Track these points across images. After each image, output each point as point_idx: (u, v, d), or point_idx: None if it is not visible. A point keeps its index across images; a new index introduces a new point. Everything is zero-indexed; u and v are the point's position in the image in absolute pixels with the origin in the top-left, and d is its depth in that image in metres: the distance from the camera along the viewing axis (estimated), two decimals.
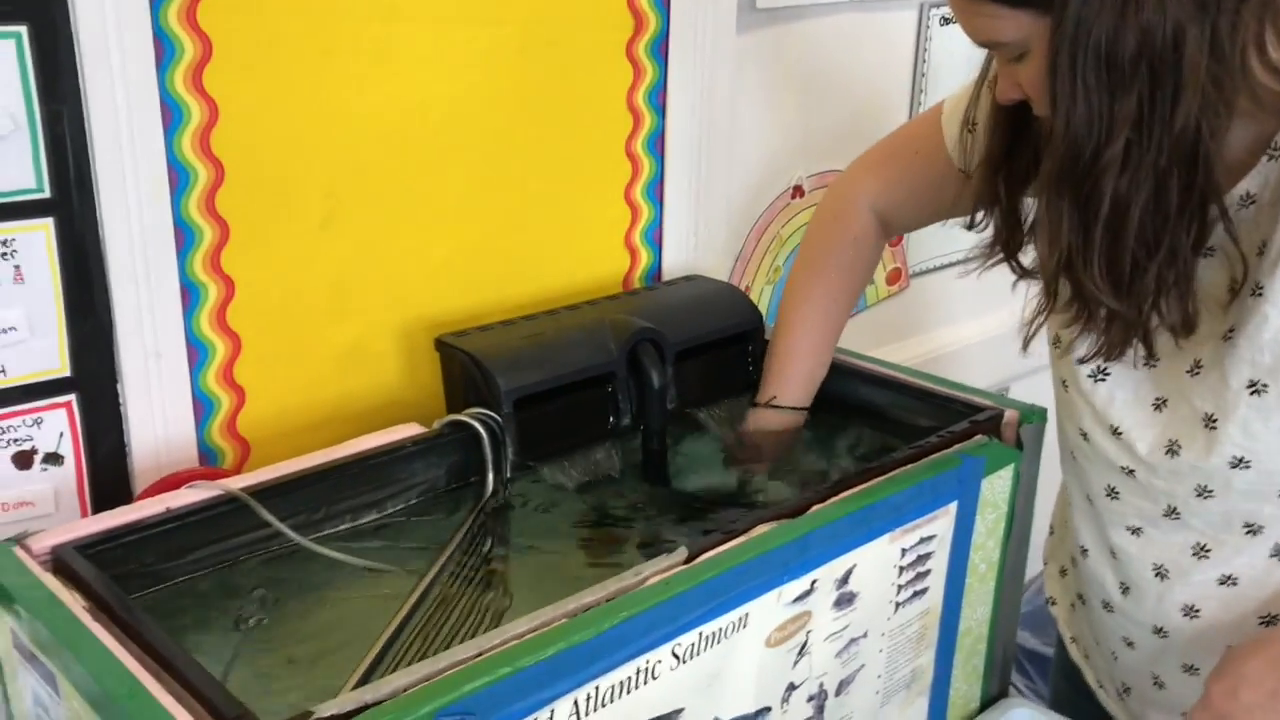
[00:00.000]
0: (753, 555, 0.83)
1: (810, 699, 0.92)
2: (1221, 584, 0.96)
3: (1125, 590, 1.02)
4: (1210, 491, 0.92)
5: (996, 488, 1.03)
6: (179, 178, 0.98)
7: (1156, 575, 0.98)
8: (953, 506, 0.99)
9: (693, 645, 0.80)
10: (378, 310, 1.14)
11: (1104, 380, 0.95)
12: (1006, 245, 0.96)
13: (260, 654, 0.83)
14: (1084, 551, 1.05)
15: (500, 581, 0.93)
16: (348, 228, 1.10)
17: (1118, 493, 0.99)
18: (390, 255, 1.14)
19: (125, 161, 0.95)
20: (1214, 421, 0.89)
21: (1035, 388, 1.91)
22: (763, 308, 1.49)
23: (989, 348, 1.83)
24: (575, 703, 0.73)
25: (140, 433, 1.01)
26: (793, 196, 1.50)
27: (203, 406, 1.05)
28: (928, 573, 0.99)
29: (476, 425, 1.01)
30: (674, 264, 1.38)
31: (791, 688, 0.90)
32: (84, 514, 1.00)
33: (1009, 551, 1.08)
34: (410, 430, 1.01)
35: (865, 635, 0.96)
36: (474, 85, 1.15)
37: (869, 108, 1.56)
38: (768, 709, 0.88)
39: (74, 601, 0.74)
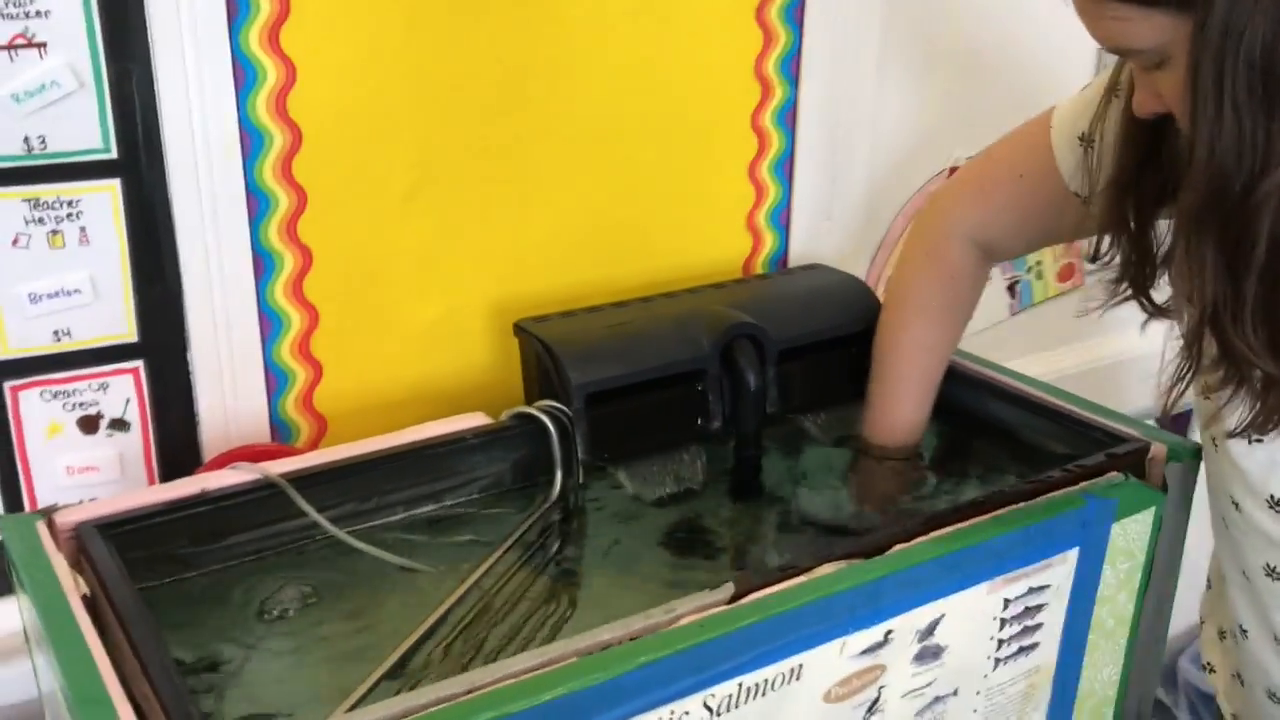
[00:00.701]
0: (811, 599, 0.72)
1: None
2: None
3: None
4: None
5: (1132, 534, 0.88)
6: (252, 141, 0.94)
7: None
8: (1073, 554, 0.85)
9: (730, 696, 0.70)
10: (466, 289, 1.08)
11: (1260, 443, 0.79)
12: (1135, 280, 0.81)
13: (276, 651, 0.78)
14: (1244, 632, 0.89)
15: (546, 597, 0.85)
16: (436, 200, 1.04)
17: (1279, 573, 0.82)
18: (481, 231, 1.07)
19: (195, 123, 0.91)
20: None
21: None
22: None
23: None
24: None
25: (209, 403, 0.99)
26: (948, 178, 1.36)
27: (276, 379, 1.01)
28: (1038, 627, 0.86)
29: (545, 419, 0.94)
30: (803, 249, 1.26)
31: None
32: (150, 482, 0.98)
33: (1145, 607, 0.93)
34: (474, 420, 0.95)
35: (955, 693, 0.83)
36: (579, 50, 1.06)
37: (1043, 84, 1.39)
38: None
39: (73, 588, 0.71)
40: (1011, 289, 1.46)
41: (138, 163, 0.90)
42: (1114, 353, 1.56)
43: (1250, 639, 0.89)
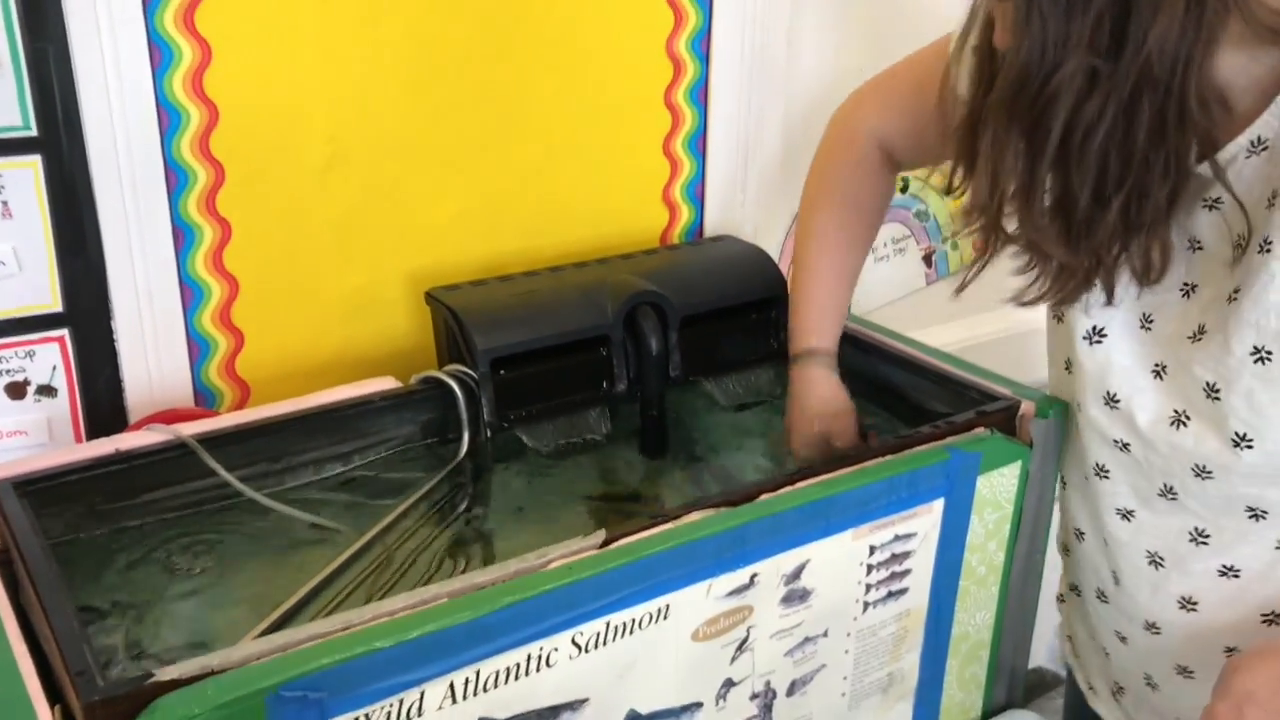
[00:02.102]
0: (675, 544, 0.77)
1: (754, 697, 0.87)
2: (1222, 575, 0.85)
3: (1118, 579, 0.92)
4: (1209, 472, 0.81)
5: (1000, 486, 0.94)
6: (170, 118, 0.98)
7: (1151, 563, 0.88)
8: (938, 504, 0.91)
9: (598, 634, 0.76)
10: (385, 258, 1.13)
11: (1100, 343, 0.86)
12: (985, 209, 0.86)
13: (184, 599, 0.83)
14: (1079, 535, 0.96)
15: (450, 551, 0.90)
16: (353, 173, 1.08)
17: (1108, 471, 0.89)
18: (399, 203, 1.12)
19: (112, 101, 0.95)
20: (1216, 392, 0.79)
21: None
22: None
23: None
24: (451, 686, 0.70)
25: (134, 370, 1.03)
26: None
27: (198, 347, 1.06)
28: (906, 573, 0.92)
29: (452, 383, 0.99)
30: (719, 221, 1.31)
31: (729, 684, 0.85)
32: None
33: (1016, 556, 0.99)
34: (384, 384, 1.00)
35: (825, 634, 0.89)
36: (495, 27, 1.11)
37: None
38: (697, 704, 0.83)
39: None
40: (928, 259, 1.51)
41: (58, 140, 0.94)
42: (1027, 320, 1.61)
43: (1085, 542, 0.95)
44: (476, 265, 1.16)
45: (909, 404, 1.07)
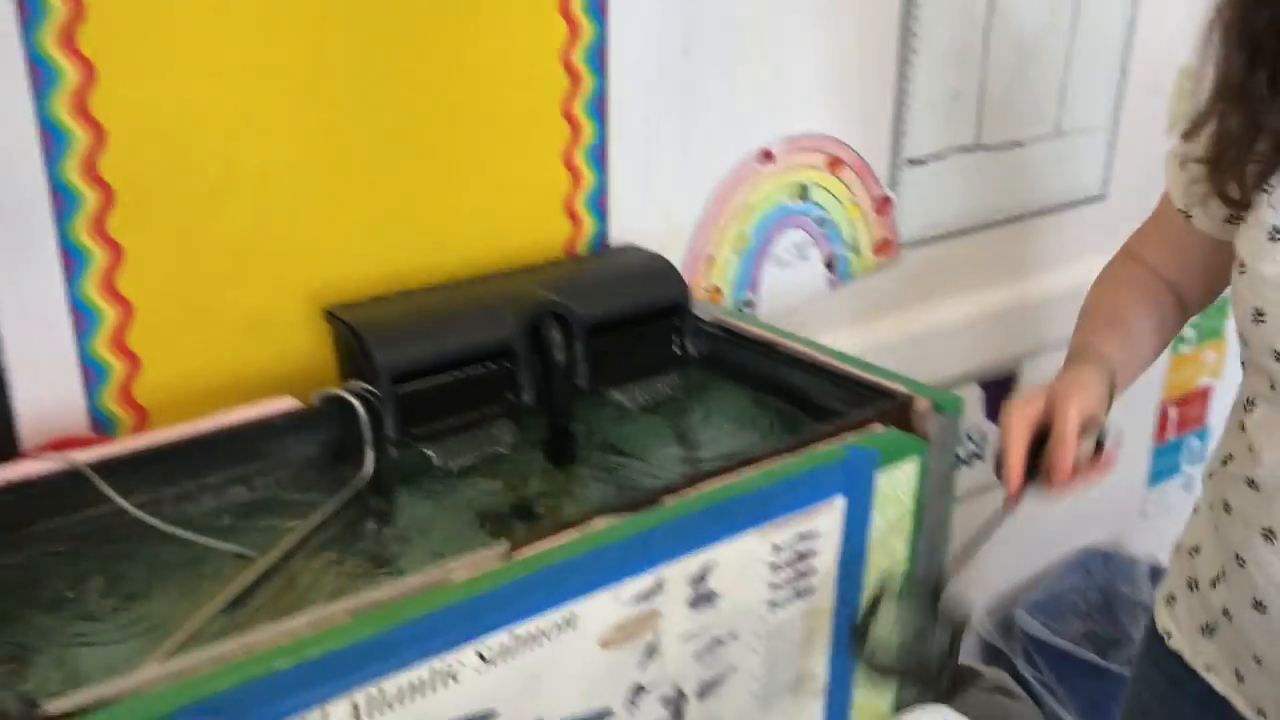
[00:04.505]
0: (579, 552, 0.78)
1: (665, 701, 0.87)
2: None
3: None
4: None
5: (899, 482, 0.96)
6: (54, 140, 0.96)
7: None
8: (839, 501, 0.92)
9: (504, 646, 0.76)
10: (283, 278, 1.11)
11: None
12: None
13: (76, 636, 0.81)
14: (1270, 535, 1.00)
15: (355, 573, 0.89)
16: (247, 193, 1.07)
17: None
18: (295, 221, 1.11)
19: None
20: None
21: (1048, 366, 1.81)
22: (726, 280, 1.43)
23: (992, 325, 1.74)
24: (354, 704, 0.70)
25: (26, 398, 1.00)
26: (761, 161, 1.43)
27: (93, 373, 1.04)
28: (812, 571, 0.93)
29: (353, 400, 0.98)
30: (622, 231, 1.32)
31: (640, 689, 0.85)
32: None
33: (919, 552, 1.01)
34: (284, 404, 0.99)
35: (734, 636, 0.90)
36: (384, 42, 1.10)
37: (850, 61, 1.47)
38: (608, 712, 0.84)
39: None
40: (830, 265, 1.54)
41: None
42: (929, 324, 1.65)
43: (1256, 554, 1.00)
44: (377, 282, 1.16)
45: (809, 404, 1.08)
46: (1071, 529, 2.11)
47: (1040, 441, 0.93)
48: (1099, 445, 0.95)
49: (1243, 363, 1.07)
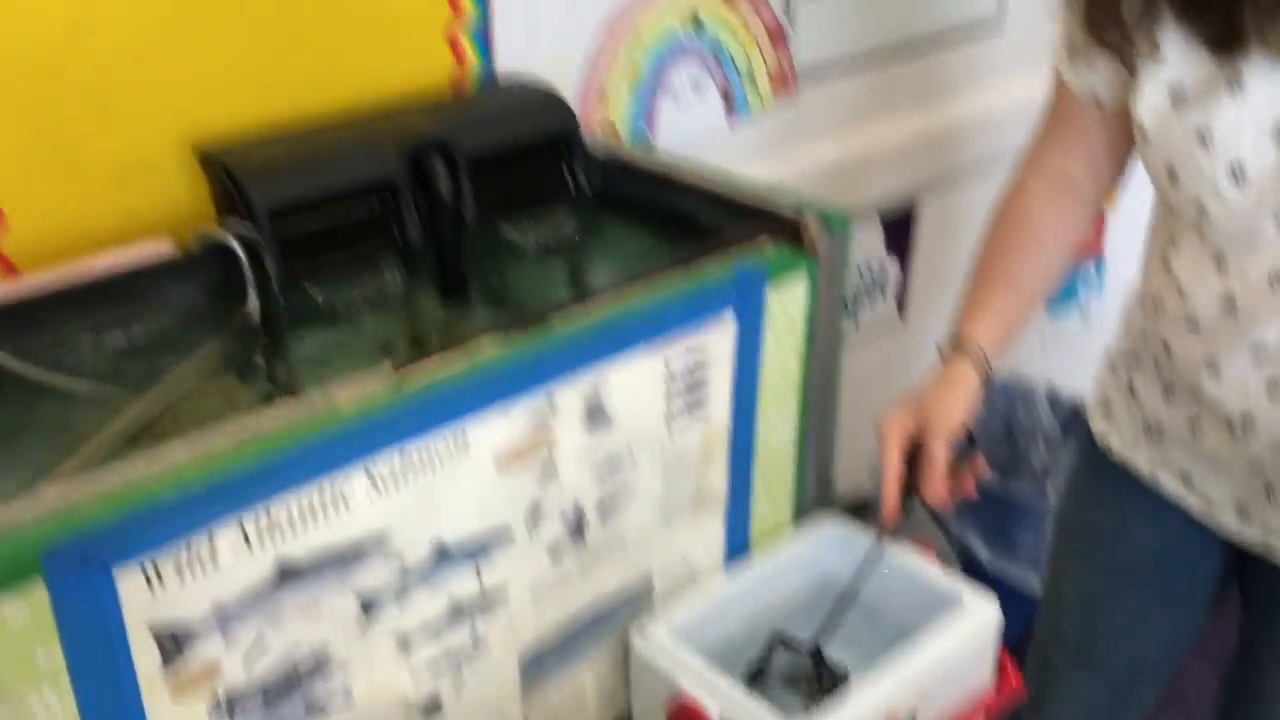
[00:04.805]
0: (467, 372, 0.77)
1: (564, 521, 0.88)
2: None
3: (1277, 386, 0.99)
4: None
5: (789, 300, 0.97)
6: None
7: None
8: (730, 319, 0.93)
9: (394, 468, 0.75)
10: (151, 120, 1.06)
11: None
12: None
13: None
14: (1213, 370, 1.02)
15: (241, 408, 0.88)
16: (104, 29, 1.01)
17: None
18: (159, 59, 1.05)
19: None
20: None
21: (946, 198, 1.82)
22: (621, 117, 1.40)
23: (891, 158, 1.74)
24: (243, 530, 0.69)
25: None
26: None
27: None
28: (705, 389, 0.94)
29: (232, 242, 0.95)
30: (509, 65, 1.28)
31: (538, 509, 0.86)
32: None
33: (812, 369, 1.02)
34: (159, 248, 0.95)
35: (630, 455, 0.91)
36: None
37: None
38: (507, 532, 0.85)
39: None
40: (726, 97, 1.51)
41: None
42: (827, 160, 1.65)
43: (1221, 374, 1.03)
44: (252, 122, 1.11)
45: (699, 229, 1.07)
46: None
47: (915, 451, 1.00)
48: (971, 441, 1.02)
49: (1162, 205, 1.07)
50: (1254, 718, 1.25)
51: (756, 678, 0.99)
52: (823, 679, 0.97)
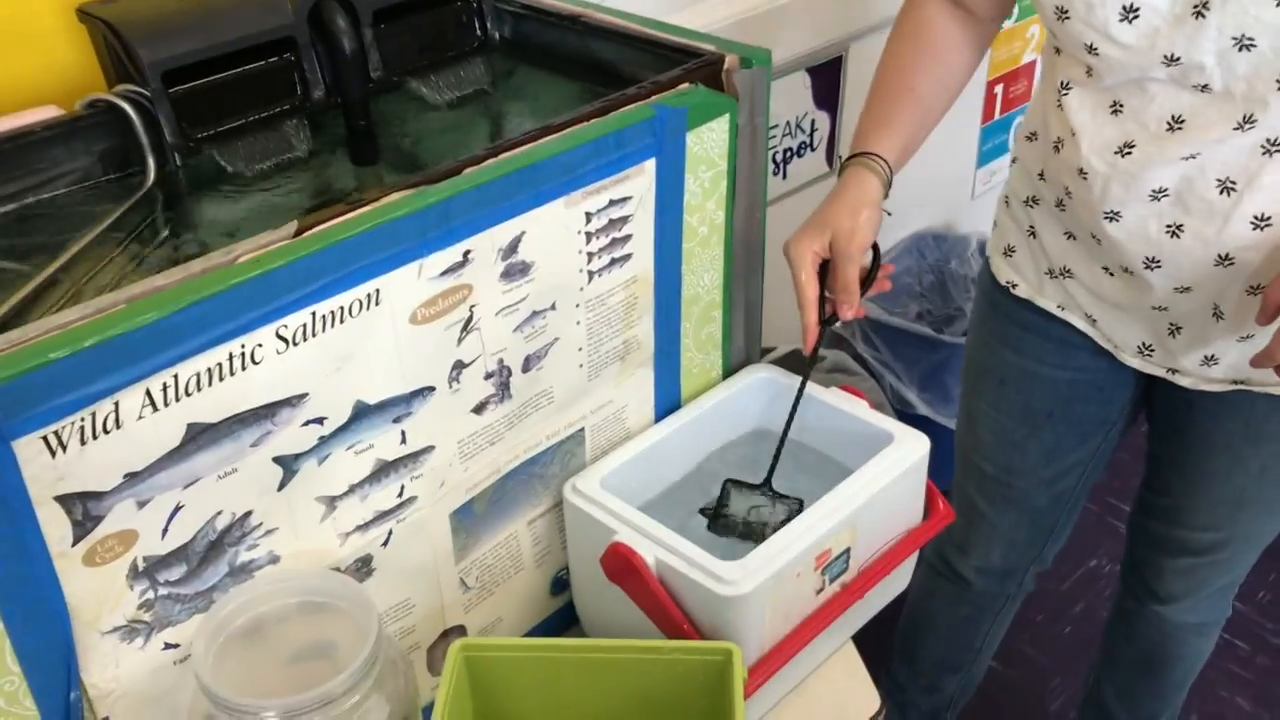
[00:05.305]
0: (374, 225, 0.74)
1: (489, 376, 0.87)
2: None
3: (1177, 232, 1.01)
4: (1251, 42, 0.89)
5: (710, 142, 0.94)
6: None
7: (1223, 192, 0.97)
8: (649, 164, 0.90)
9: (304, 326, 0.73)
10: None
11: None
12: None
13: None
14: (1114, 216, 1.03)
15: (143, 274, 0.84)
16: None
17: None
18: None
19: None
20: None
21: (874, 47, 1.78)
22: None
23: (815, 9, 1.70)
24: (148, 393, 0.67)
25: None
26: None
27: None
28: (627, 238, 0.92)
29: (122, 104, 0.90)
30: None
31: (460, 365, 0.84)
32: None
33: (736, 213, 1.00)
34: (45, 113, 0.90)
35: (553, 308, 0.89)
36: None
37: None
38: (429, 388, 0.83)
39: None
40: None
41: None
42: (751, 7, 1.60)
43: (1123, 221, 1.04)
44: None
45: (618, 75, 1.04)
46: (904, 215, 2.16)
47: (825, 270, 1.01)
48: (875, 256, 1.02)
49: (1055, 49, 1.06)
50: (1162, 518, 1.30)
51: (717, 522, 1.00)
52: (778, 507, 0.99)
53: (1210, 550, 1.28)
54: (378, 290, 0.76)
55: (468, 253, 0.80)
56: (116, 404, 0.66)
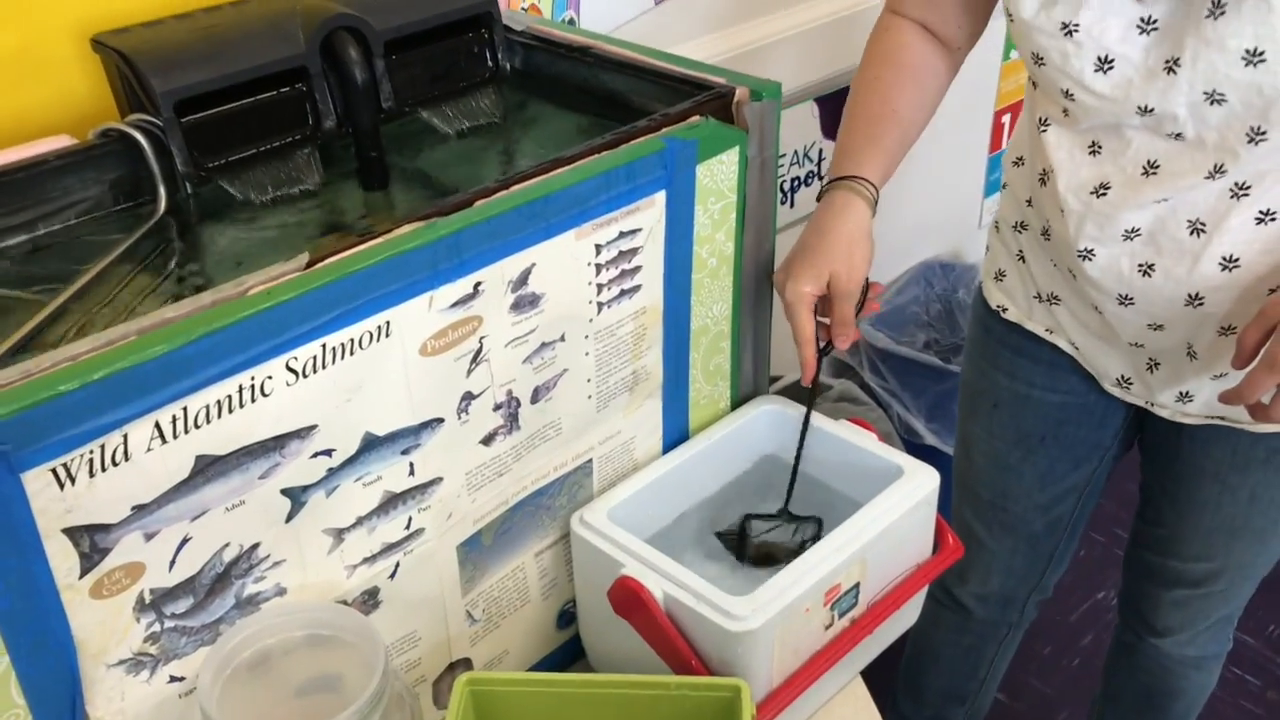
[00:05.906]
0: (385, 257, 0.74)
1: (497, 407, 0.87)
2: (1259, 223, 0.96)
3: (1149, 271, 1.01)
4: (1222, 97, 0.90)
5: (720, 174, 0.94)
6: None
7: (1193, 234, 0.97)
8: (660, 196, 0.90)
9: (314, 358, 0.73)
10: (40, 9, 1.00)
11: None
12: None
13: None
14: (1088, 254, 1.04)
15: (154, 304, 0.84)
16: None
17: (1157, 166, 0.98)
18: None
19: None
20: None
21: None
22: None
23: (823, 38, 1.70)
24: (157, 425, 0.67)
25: None
26: None
27: None
28: (637, 269, 0.92)
29: (135, 134, 0.91)
30: None
31: (469, 397, 0.84)
32: None
33: (745, 245, 1.00)
34: (58, 142, 0.90)
35: (562, 339, 0.89)
36: None
37: None
38: (438, 420, 0.83)
39: None
40: None
41: None
42: (758, 39, 1.61)
43: (1096, 261, 1.05)
44: (150, 9, 1.05)
45: (629, 107, 1.04)
46: (911, 244, 2.16)
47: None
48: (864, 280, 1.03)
49: (1033, 83, 1.08)
50: (1155, 549, 1.30)
51: (738, 547, 1.01)
52: (802, 528, 1.00)
53: (1204, 581, 1.27)
54: (388, 322, 0.76)
55: (478, 284, 0.80)
56: (125, 436, 0.65)
